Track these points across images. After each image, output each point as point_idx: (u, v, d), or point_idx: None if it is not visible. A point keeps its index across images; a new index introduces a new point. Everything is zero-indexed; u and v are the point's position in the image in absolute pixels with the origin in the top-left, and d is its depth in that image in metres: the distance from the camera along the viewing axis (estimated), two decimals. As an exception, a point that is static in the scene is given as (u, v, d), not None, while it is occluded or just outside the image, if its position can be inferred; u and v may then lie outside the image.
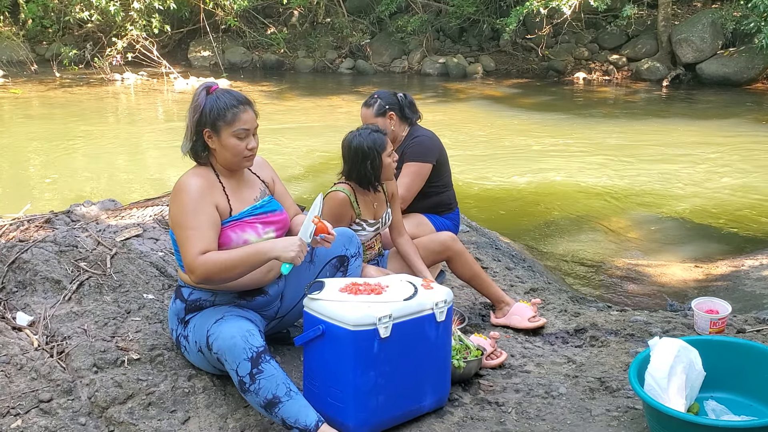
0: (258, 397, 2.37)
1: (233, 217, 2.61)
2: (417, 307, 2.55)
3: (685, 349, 2.52)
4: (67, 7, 15.65)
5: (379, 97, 3.77)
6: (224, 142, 2.58)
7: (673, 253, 5.62)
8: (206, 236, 2.51)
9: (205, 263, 2.46)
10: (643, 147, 9.31)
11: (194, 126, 2.59)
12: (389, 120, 3.74)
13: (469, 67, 15.87)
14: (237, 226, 2.60)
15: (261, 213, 2.69)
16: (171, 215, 2.61)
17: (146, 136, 10.59)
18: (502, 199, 7.22)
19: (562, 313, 3.71)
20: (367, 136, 3.24)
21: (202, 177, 2.60)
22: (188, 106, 2.64)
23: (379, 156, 3.23)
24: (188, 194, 2.54)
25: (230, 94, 2.62)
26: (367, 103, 3.78)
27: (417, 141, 3.77)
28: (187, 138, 2.62)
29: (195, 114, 2.58)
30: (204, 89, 2.61)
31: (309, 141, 9.47)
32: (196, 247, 2.48)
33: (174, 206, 2.58)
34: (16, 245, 3.34)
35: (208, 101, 2.58)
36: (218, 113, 2.56)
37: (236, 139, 2.58)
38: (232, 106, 2.58)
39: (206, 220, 2.53)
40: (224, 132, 2.57)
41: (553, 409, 2.72)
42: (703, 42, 14.11)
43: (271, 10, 17.83)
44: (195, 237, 2.49)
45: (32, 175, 8.31)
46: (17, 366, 2.62)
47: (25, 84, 14.50)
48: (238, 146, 2.59)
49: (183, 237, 2.51)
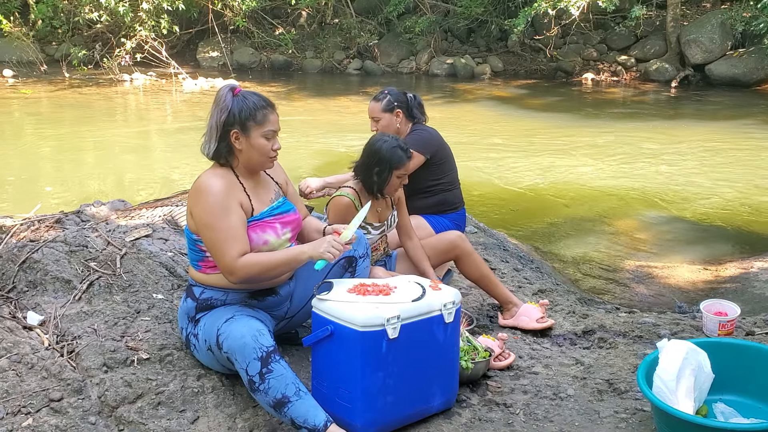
0: (267, 396, 2.38)
1: (255, 217, 2.63)
2: (425, 308, 2.56)
3: (693, 351, 2.52)
4: (77, 8, 15.71)
5: (389, 93, 3.79)
6: (253, 142, 2.59)
7: (682, 254, 5.60)
8: (241, 237, 2.53)
9: (246, 266, 2.50)
10: (652, 148, 9.28)
11: (221, 126, 2.58)
12: (396, 117, 3.76)
13: (476, 67, 15.85)
14: (258, 226, 2.62)
15: (279, 213, 2.70)
16: (196, 216, 2.58)
17: (155, 136, 10.63)
18: (510, 201, 7.21)
19: (571, 314, 3.71)
20: (390, 148, 3.24)
21: (223, 177, 2.60)
22: (211, 107, 2.63)
23: (389, 170, 3.23)
24: (213, 195, 2.54)
25: (257, 96, 2.63)
26: (376, 97, 3.80)
27: (416, 133, 3.78)
28: (212, 139, 2.61)
29: (222, 115, 2.57)
30: (229, 90, 2.61)
31: (317, 141, 9.49)
32: (234, 249, 2.50)
33: (199, 207, 2.57)
34: (26, 245, 3.36)
35: (236, 102, 2.58)
36: (249, 113, 2.57)
37: (264, 140, 2.60)
38: (261, 107, 2.60)
39: (236, 219, 2.55)
40: (254, 132, 2.58)
41: (561, 410, 2.72)
42: (712, 43, 14.05)
43: (279, 10, 17.86)
44: (230, 238, 2.50)
45: (42, 175, 8.35)
46: (28, 365, 2.64)
47: (34, 84, 14.57)
48: (266, 146, 2.61)
49: (216, 239, 2.51)
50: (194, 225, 2.60)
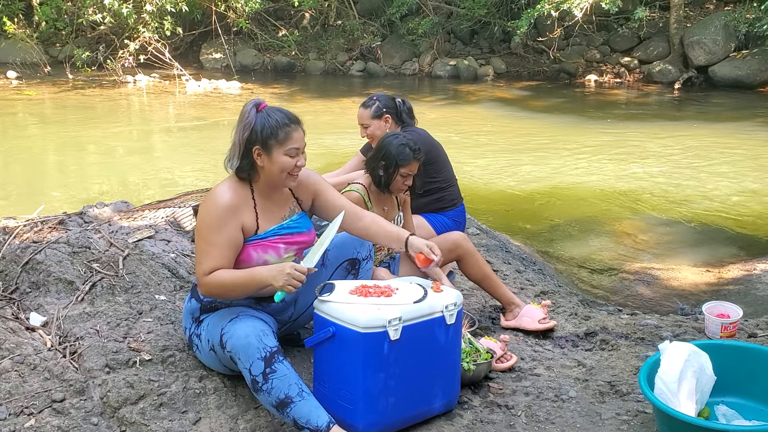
0: (270, 396, 2.38)
1: (258, 236, 2.63)
2: (427, 309, 2.56)
3: (695, 353, 2.52)
4: (81, 10, 15.76)
5: (377, 99, 3.83)
6: (275, 159, 2.58)
7: (684, 256, 5.59)
8: (221, 255, 2.53)
9: (209, 284, 2.52)
10: (655, 150, 9.27)
11: (244, 144, 2.57)
12: (384, 123, 3.80)
13: (479, 69, 15.85)
14: (260, 245, 2.62)
15: (286, 233, 2.69)
16: (197, 220, 2.63)
17: (158, 137, 10.65)
18: (513, 202, 7.20)
19: (573, 316, 3.70)
20: (399, 146, 3.28)
21: (236, 192, 2.61)
22: (236, 123, 2.61)
23: (395, 167, 3.27)
24: (216, 207, 2.55)
25: (281, 112, 2.61)
26: (365, 104, 3.83)
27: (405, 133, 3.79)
28: (235, 156, 2.59)
29: (245, 132, 2.56)
30: (253, 107, 2.59)
31: (319, 143, 9.49)
32: (208, 264, 2.51)
33: (202, 213, 2.60)
34: (29, 246, 3.37)
35: (259, 119, 2.56)
36: (270, 132, 2.55)
37: (287, 158, 2.59)
38: (284, 125, 2.57)
39: (227, 238, 2.54)
40: (276, 151, 2.57)
41: (563, 412, 2.72)
42: (715, 44, 14.03)
43: (282, 12, 17.89)
44: (210, 254, 2.52)
45: (46, 176, 8.37)
46: (31, 366, 2.65)
47: (38, 85, 14.60)
48: (289, 164, 2.59)
49: (201, 249, 2.55)
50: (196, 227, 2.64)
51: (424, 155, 3.75)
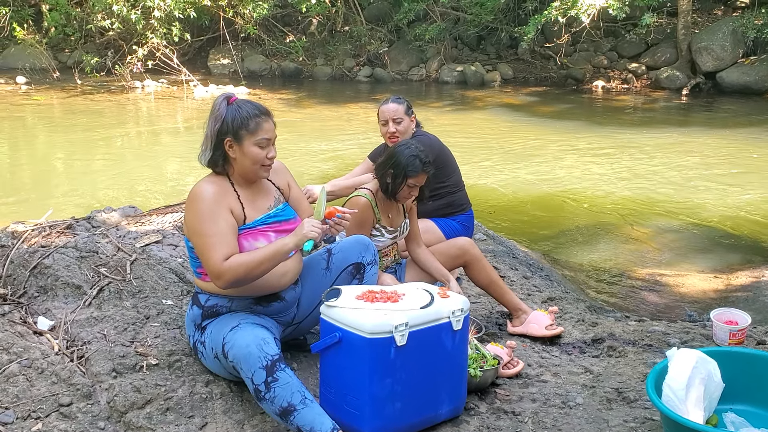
0: (273, 405, 2.38)
1: (246, 225, 2.64)
2: (433, 315, 2.56)
3: (703, 360, 2.50)
4: (89, 16, 15.86)
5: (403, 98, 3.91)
6: (246, 150, 2.61)
7: (692, 262, 5.57)
8: (228, 241, 2.54)
9: (231, 267, 2.50)
10: (662, 156, 9.25)
11: (215, 135, 2.61)
12: (412, 122, 3.86)
13: (486, 75, 15.86)
14: (250, 234, 2.63)
15: (274, 222, 2.71)
16: (187, 223, 2.63)
17: (166, 143, 10.69)
18: (520, 208, 7.20)
19: (580, 322, 3.69)
20: (409, 155, 3.25)
21: (216, 184, 2.63)
22: (207, 116, 2.66)
23: (403, 176, 3.25)
24: (203, 201, 2.57)
25: (251, 104, 2.65)
26: (396, 100, 3.87)
27: (417, 138, 3.81)
28: (207, 148, 2.65)
29: (216, 124, 2.61)
30: (224, 99, 2.64)
31: (326, 148, 9.51)
32: (220, 253, 2.51)
33: (189, 214, 2.60)
34: (38, 251, 3.39)
35: (230, 111, 2.61)
36: (241, 122, 2.59)
37: (258, 148, 2.62)
38: (254, 116, 2.61)
39: (225, 225, 2.55)
40: (246, 141, 2.60)
41: (570, 419, 2.71)
42: (723, 50, 14.01)
43: (290, 18, 17.96)
44: (217, 243, 2.52)
45: (54, 181, 8.41)
46: (38, 370, 2.65)
47: (47, 91, 14.69)
48: (259, 155, 2.62)
49: (203, 244, 2.54)
50: (187, 231, 2.63)
51: (435, 159, 3.77)
